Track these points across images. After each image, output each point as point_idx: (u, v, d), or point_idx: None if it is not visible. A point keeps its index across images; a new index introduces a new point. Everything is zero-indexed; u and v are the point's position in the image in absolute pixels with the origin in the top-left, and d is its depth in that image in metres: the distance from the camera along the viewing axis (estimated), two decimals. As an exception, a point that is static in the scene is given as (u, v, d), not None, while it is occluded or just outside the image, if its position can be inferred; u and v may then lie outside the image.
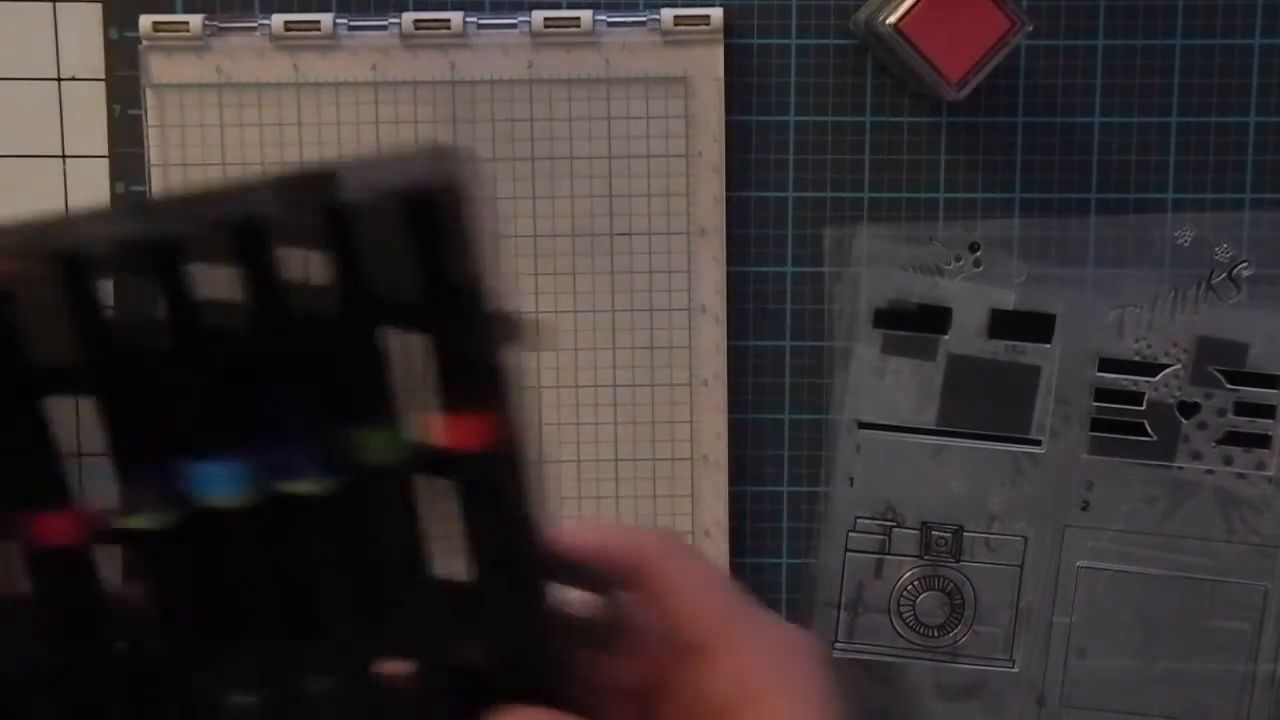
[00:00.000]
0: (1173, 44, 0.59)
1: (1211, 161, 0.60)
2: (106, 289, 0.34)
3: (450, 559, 0.37)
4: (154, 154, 0.59)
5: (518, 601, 0.38)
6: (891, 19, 0.53)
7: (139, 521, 0.35)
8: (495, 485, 0.37)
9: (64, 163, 0.60)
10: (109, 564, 0.35)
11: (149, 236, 0.33)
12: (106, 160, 0.60)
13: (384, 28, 0.58)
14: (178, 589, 0.36)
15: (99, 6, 0.59)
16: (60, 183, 0.60)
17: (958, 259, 0.60)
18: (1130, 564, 0.61)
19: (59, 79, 0.60)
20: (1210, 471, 0.60)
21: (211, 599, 0.36)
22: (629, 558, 0.38)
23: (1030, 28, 0.54)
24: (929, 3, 0.53)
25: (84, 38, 0.59)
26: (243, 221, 0.33)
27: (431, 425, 0.36)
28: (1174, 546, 0.61)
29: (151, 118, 0.58)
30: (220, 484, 0.35)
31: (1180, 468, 0.60)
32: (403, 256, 0.34)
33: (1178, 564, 0.61)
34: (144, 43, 0.58)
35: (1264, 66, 0.60)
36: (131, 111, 0.59)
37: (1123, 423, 0.60)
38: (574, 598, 0.39)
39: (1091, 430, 0.60)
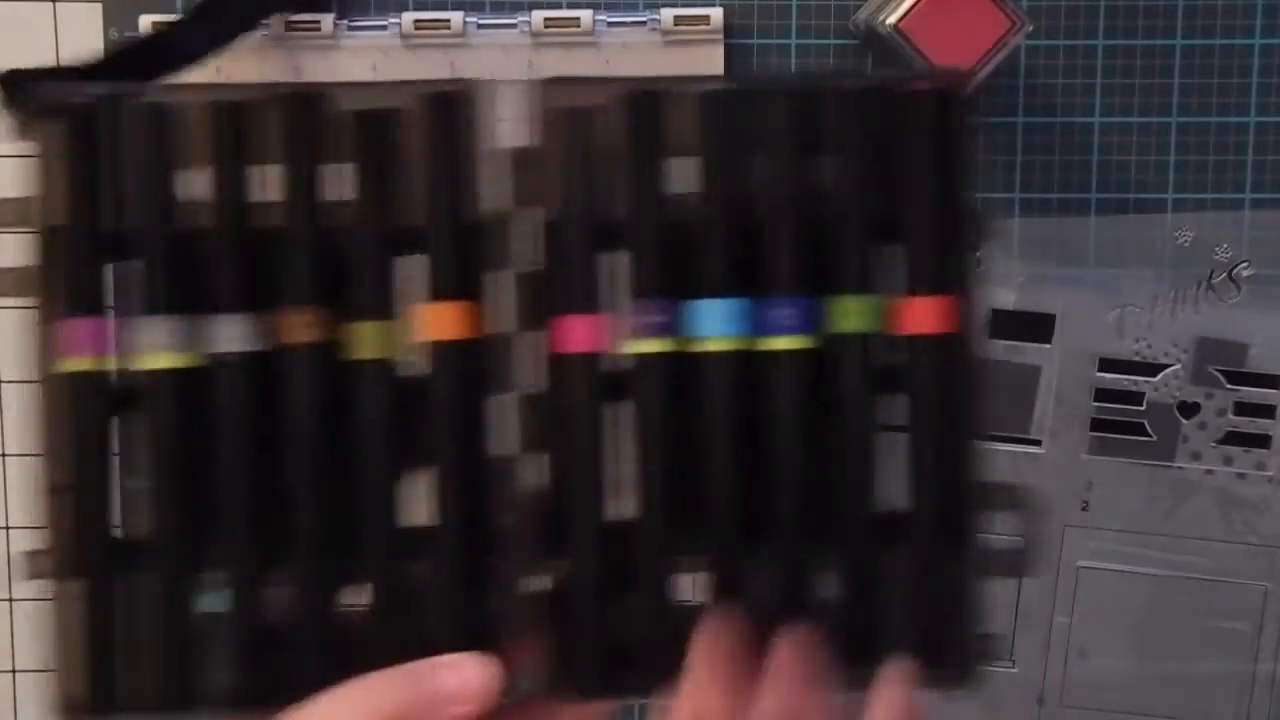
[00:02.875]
0: (1173, 44, 0.59)
1: (1211, 161, 0.60)
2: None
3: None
4: (154, 154, 0.58)
5: (951, 526, 0.41)
6: (891, 19, 0.53)
7: (640, 346, 0.40)
8: (951, 375, 0.41)
9: (64, 163, 0.60)
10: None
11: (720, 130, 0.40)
12: (106, 160, 0.60)
13: (384, 28, 0.58)
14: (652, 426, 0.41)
15: (99, 6, 0.59)
16: (60, 183, 0.60)
17: (958, 259, 0.60)
18: (1130, 564, 0.61)
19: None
20: (1210, 471, 0.60)
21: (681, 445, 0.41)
22: None
23: (1030, 28, 0.54)
24: (929, 3, 0.53)
25: (84, 38, 0.59)
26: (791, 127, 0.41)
27: (900, 309, 0.41)
28: (1174, 546, 0.61)
29: (151, 118, 0.58)
30: (717, 323, 0.40)
31: (1180, 468, 0.60)
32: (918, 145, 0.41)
33: (1178, 564, 0.61)
34: (144, 43, 0.58)
35: (1264, 66, 0.60)
36: (131, 111, 0.59)
37: (1123, 423, 0.60)
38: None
39: (1091, 430, 0.60)
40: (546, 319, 0.41)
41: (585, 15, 0.58)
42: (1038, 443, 0.60)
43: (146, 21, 0.58)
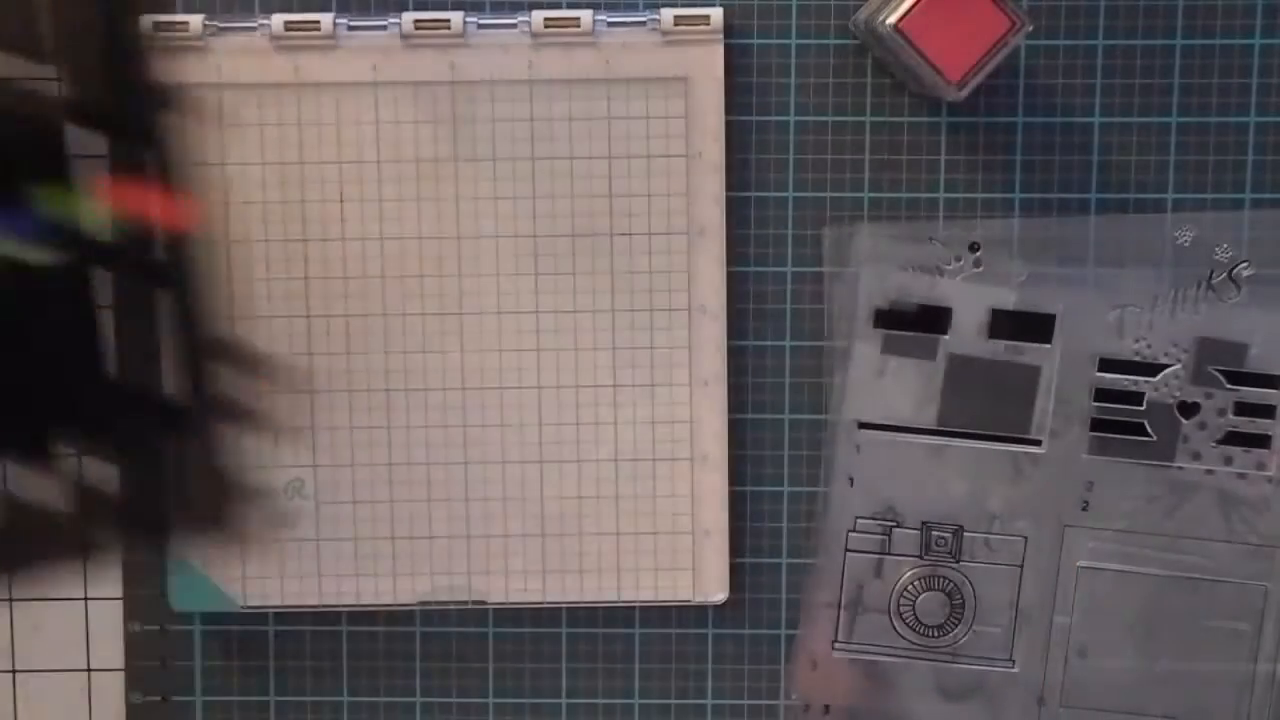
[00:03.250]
0: (1173, 44, 0.59)
1: (1211, 161, 0.60)
2: None
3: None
4: (154, 154, 0.59)
5: (193, 385, 0.43)
6: (891, 19, 0.53)
7: None
8: (174, 261, 0.43)
9: (63, 163, 0.60)
10: None
11: None
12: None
13: (384, 28, 0.58)
14: None
15: (99, 6, 0.59)
16: (59, 183, 0.60)
17: (958, 259, 0.60)
18: (1130, 564, 0.61)
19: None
20: (1210, 471, 0.60)
21: None
22: None
23: (1030, 28, 0.54)
24: (929, 3, 0.53)
25: (84, 38, 0.59)
26: None
27: (110, 196, 0.43)
28: (1174, 546, 0.61)
29: (151, 118, 0.58)
30: None
31: (1180, 468, 0.60)
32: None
33: (1178, 564, 0.61)
34: (144, 43, 0.58)
35: (1264, 66, 0.60)
36: (131, 111, 0.59)
37: (1123, 423, 0.60)
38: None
39: (1091, 430, 0.60)
40: None
41: (585, 15, 0.58)
42: (1038, 442, 0.60)
43: (147, 21, 0.57)
